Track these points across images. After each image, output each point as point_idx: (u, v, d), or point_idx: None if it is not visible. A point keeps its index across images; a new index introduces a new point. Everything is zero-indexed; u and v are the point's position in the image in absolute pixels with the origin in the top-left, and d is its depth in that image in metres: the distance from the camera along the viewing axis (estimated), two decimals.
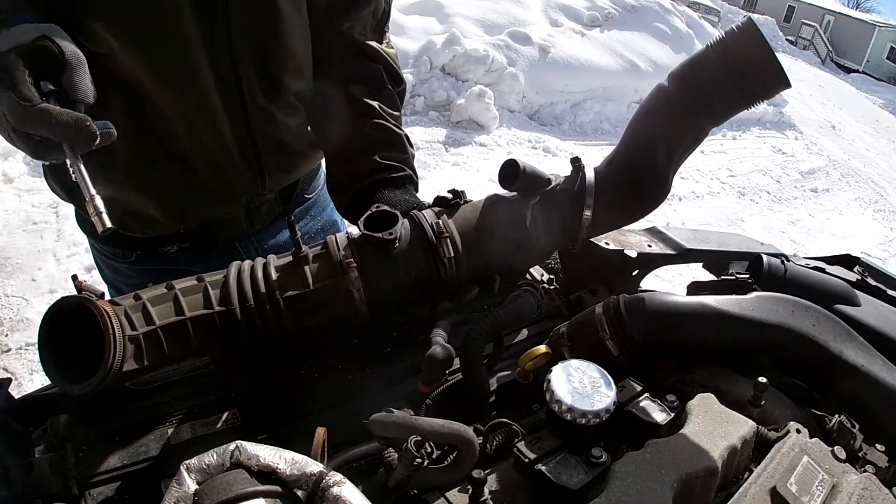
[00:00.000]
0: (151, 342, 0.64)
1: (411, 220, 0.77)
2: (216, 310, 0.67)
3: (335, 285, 0.70)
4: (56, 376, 0.58)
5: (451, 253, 0.74)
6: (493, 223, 0.78)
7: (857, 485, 0.54)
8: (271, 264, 0.71)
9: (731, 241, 1.07)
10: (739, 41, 0.70)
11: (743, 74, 0.70)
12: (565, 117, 6.37)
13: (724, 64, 0.71)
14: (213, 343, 0.68)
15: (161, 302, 0.66)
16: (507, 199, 0.81)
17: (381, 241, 0.71)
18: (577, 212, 0.80)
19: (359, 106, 0.95)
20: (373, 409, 0.57)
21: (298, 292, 0.70)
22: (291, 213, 1.15)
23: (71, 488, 0.58)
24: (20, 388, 2.26)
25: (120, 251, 1.05)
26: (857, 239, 5.45)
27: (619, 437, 0.62)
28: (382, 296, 0.73)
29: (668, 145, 0.78)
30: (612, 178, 0.81)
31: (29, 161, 4.11)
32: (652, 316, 0.71)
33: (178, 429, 0.67)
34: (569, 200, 0.81)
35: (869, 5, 34.14)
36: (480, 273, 0.78)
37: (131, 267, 1.06)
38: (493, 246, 0.77)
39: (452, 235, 0.76)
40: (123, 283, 1.10)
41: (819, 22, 22.05)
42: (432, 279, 0.75)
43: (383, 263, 0.73)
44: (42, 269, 3.06)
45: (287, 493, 0.45)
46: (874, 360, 0.69)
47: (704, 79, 0.73)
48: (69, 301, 0.59)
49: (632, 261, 0.95)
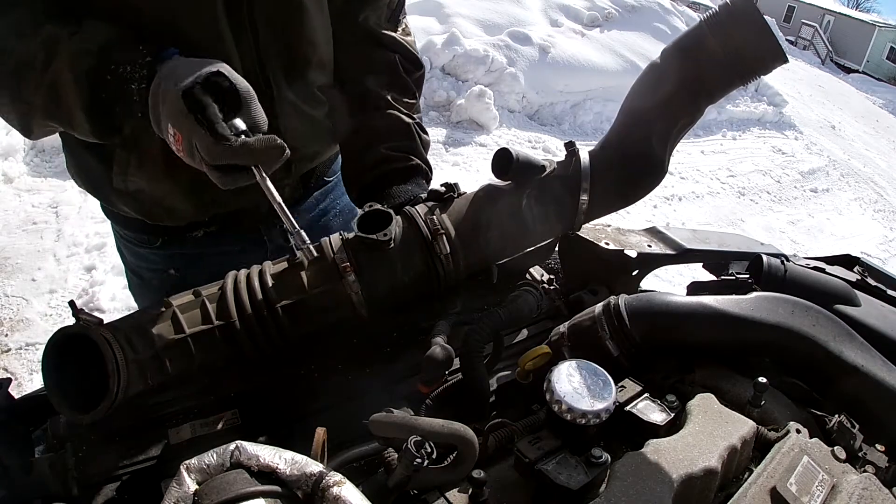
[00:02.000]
0: (154, 364, 0.64)
1: (405, 217, 0.77)
2: (216, 324, 0.67)
3: (333, 290, 0.70)
4: (63, 406, 0.59)
5: (447, 249, 0.74)
6: (488, 216, 0.77)
7: (857, 485, 0.54)
8: (267, 272, 0.71)
9: (731, 241, 1.07)
10: (734, 15, 0.67)
11: (739, 50, 0.68)
12: (565, 117, 6.36)
13: (719, 39, 0.68)
14: (216, 356, 0.68)
15: (160, 321, 0.66)
16: (502, 190, 0.80)
17: (375, 242, 0.71)
18: (574, 197, 0.78)
19: (371, 97, 0.97)
20: (373, 410, 0.57)
21: (296, 299, 0.69)
22: (310, 195, 1.15)
23: (71, 488, 0.58)
24: (20, 388, 2.26)
25: (146, 237, 1.06)
26: (857, 239, 5.45)
27: (619, 437, 0.62)
28: (381, 296, 0.72)
29: (663, 125, 0.76)
30: (608, 160, 0.79)
31: (29, 161, 4.11)
32: (652, 316, 0.71)
33: (178, 429, 0.67)
34: (564, 186, 0.79)
35: (869, 5, 34.17)
36: (478, 266, 0.78)
37: (156, 252, 1.07)
38: (490, 238, 0.77)
39: (448, 231, 0.75)
40: (146, 269, 1.10)
41: (819, 22, 22.05)
42: (430, 277, 0.75)
43: (380, 265, 0.72)
44: (42, 269, 3.06)
45: (287, 493, 0.45)
46: (874, 360, 0.69)
47: (699, 55, 0.70)
48: (70, 331, 0.60)
49: (632, 261, 0.95)
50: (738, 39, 0.67)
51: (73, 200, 3.67)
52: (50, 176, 4.00)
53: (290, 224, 0.68)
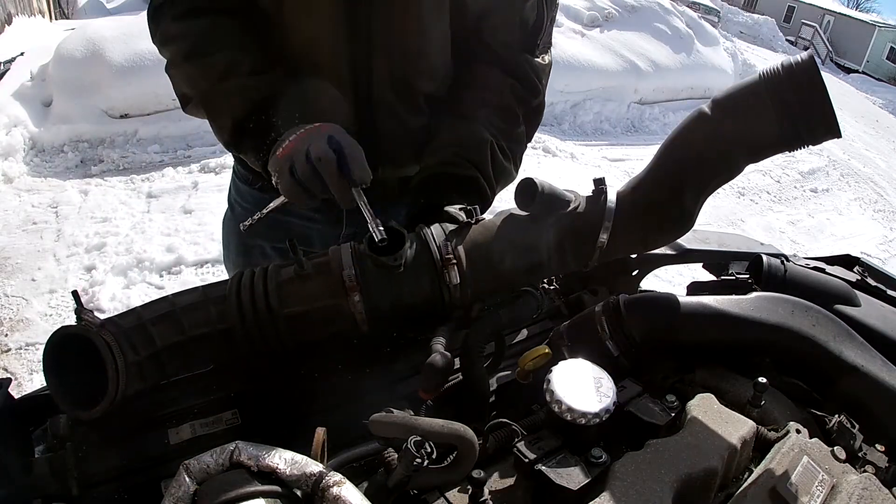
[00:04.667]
0: (153, 364, 0.64)
1: (419, 239, 0.75)
2: (216, 328, 0.67)
3: (336, 305, 0.69)
4: (64, 403, 0.60)
5: (457, 280, 0.72)
6: (503, 249, 0.75)
7: (857, 485, 0.54)
8: (272, 279, 0.70)
9: (731, 241, 1.07)
10: (795, 78, 0.63)
11: (793, 116, 0.64)
12: (565, 117, 6.36)
13: (774, 101, 0.64)
14: (213, 357, 0.69)
15: (161, 322, 0.66)
16: (521, 222, 0.77)
17: (385, 264, 0.70)
18: (593, 237, 0.75)
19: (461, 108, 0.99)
20: (373, 410, 0.57)
21: (299, 310, 0.69)
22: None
23: (71, 488, 0.58)
24: (20, 388, 2.26)
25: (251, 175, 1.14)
26: (857, 239, 5.45)
27: (619, 437, 0.62)
28: (384, 314, 0.72)
29: (699, 178, 0.72)
30: (636, 204, 0.75)
31: (29, 161, 4.11)
32: (652, 316, 0.71)
33: (178, 429, 0.67)
34: (587, 225, 0.75)
35: (869, 5, 34.15)
36: (485, 294, 0.76)
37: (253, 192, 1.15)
38: (502, 272, 0.75)
39: (460, 261, 0.73)
40: (240, 204, 1.20)
41: (819, 22, 22.04)
42: (435, 302, 0.74)
43: (387, 286, 0.71)
44: (42, 269, 3.06)
45: (287, 493, 0.46)
46: (874, 360, 0.69)
47: (750, 113, 0.66)
48: (70, 330, 0.61)
49: (632, 261, 0.95)
50: (795, 107, 0.63)
51: (73, 200, 3.67)
52: (50, 176, 4.00)
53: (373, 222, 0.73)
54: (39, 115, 4.43)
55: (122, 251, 3.22)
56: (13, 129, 4.17)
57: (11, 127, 4.17)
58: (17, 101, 4.41)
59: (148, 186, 3.96)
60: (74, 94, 4.43)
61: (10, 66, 4.92)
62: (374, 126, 0.97)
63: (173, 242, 3.30)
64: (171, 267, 3.13)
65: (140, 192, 3.90)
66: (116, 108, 4.51)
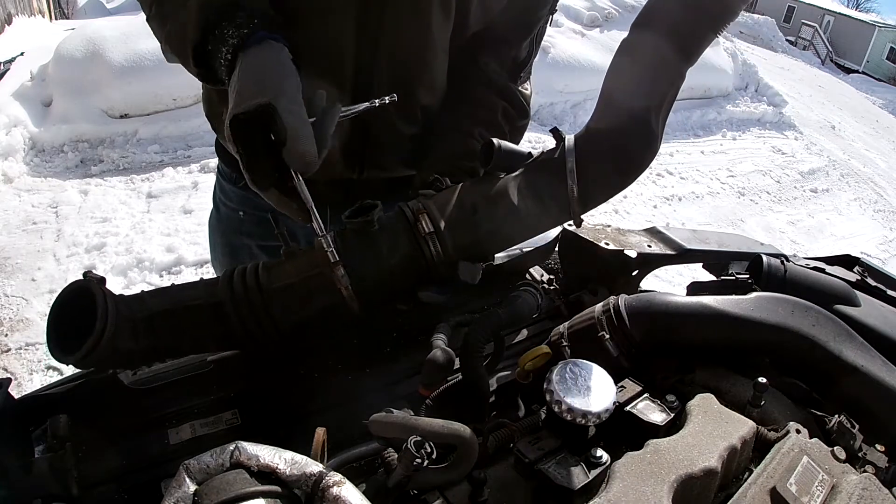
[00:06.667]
0: (145, 326, 0.66)
1: (395, 210, 0.78)
2: (208, 301, 0.69)
3: (321, 275, 0.71)
4: (54, 347, 0.62)
5: (430, 227, 0.74)
6: (473, 198, 0.78)
7: (857, 485, 0.54)
8: (260, 265, 0.73)
9: (731, 241, 1.07)
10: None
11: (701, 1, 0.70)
12: (565, 117, 6.36)
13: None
14: (206, 334, 0.69)
15: (158, 296, 0.69)
16: (487, 175, 0.82)
17: (359, 224, 0.73)
18: (562, 175, 0.78)
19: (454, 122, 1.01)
20: (372, 410, 0.57)
21: (286, 283, 0.71)
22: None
23: (71, 488, 0.58)
24: (20, 388, 2.26)
25: (235, 175, 1.15)
26: (857, 239, 5.45)
27: (619, 437, 0.62)
28: (370, 281, 0.73)
29: (649, 94, 0.76)
30: (597, 139, 0.79)
31: (29, 161, 4.11)
32: (652, 316, 0.71)
33: (178, 429, 0.67)
34: (553, 170, 0.79)
35: (869, 5, 34.14)
36: (471, 252, 0.77)
37: (237, 190, 1.15)
38: (478, 220, 0.77)
39: (430, 211, 0.76)
40: (224, 203, 1.20)
41: (819, 22, 22.04)
42: (418, 259, 0.75)
43: (365, 248, 0.73)
44: (42, 269, 3.06)
45: (287, 494, 0.45)
46: (874, 360, 0.69)
47: (667, 20, 0.72)
48: (76, 284, 0.64)
49: (632, 261, 0.95)
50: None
51: (73, 200, 3.67)
52: (50, 176, 4.01)
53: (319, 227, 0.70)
54: (39, 115, 4.43)
55: (122, 251, 3.23)
56: (13, 129, 4.17)
57: (11, 127, 4.18)
58: (17, 101, 4.41)
59: (148, 186, 3.97)
60: (74, 94, 4.44)
61: (10, 66, 4.93)
62: (366, 129, 0.97)
63: (173, 242, 3.30)
64: (170, 267, 3.13)
65: (140, 192, 3.90)
66: (116, 108, 4.51)
